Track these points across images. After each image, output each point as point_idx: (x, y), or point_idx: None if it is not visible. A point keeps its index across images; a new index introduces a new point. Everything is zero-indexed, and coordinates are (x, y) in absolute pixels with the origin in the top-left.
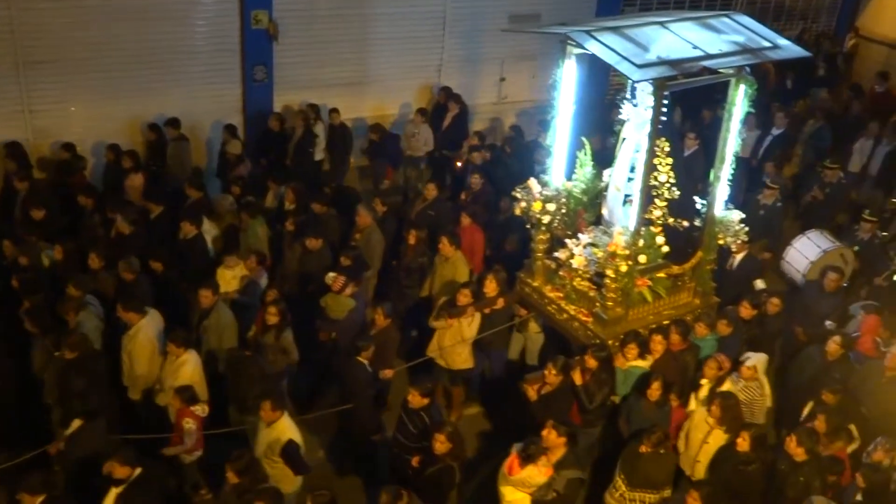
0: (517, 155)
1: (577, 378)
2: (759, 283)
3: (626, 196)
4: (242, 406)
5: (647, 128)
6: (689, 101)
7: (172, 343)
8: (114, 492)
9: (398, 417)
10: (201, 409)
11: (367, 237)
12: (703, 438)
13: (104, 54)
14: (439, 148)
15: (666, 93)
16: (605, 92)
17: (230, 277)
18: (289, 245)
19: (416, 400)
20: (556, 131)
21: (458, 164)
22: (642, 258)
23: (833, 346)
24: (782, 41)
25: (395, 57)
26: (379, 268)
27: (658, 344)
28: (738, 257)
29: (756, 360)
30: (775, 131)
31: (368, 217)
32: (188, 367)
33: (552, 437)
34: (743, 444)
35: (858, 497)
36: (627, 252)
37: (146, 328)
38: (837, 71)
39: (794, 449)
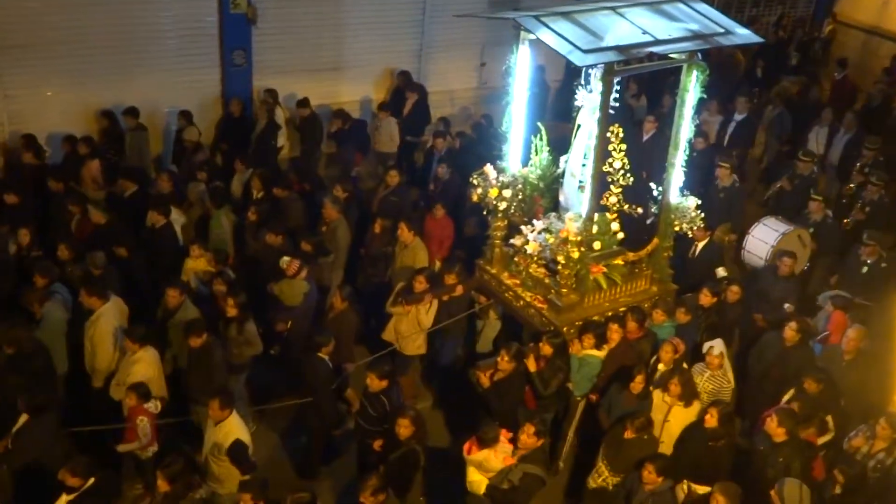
0: (485, 142)
1: (532, 365)
2: (721, 271)
3: (581, 182)
4: (195, 398)
5: (598, 114)
6: (655, 87)
7: (129, 339)
8: (65, 498)
9: (359, 402)
10: (154, 406)
11: (333, 230)
12: (663, 419)
13: (81, 38)
14: (402, 134)
15: (617, 78)
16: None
17: (192, 268)
18: (252, 235)
19: (374, 383)
20: (511, 117)
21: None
22: (597, 245)
23: (790, 332)
24: (737, 28)
25: (375, 41)
26: (345, 261)
27: (614, 333)
28: (700, 244)
29: (720, 347)
30: (738, 117)
31: (334, 210)
32: (142, 365)
33: (529, 440)
34: (711, 420)
35: (837, 490)
36: (579, 238)
37: (107, 314)
38: (811, 59)
39: (775, 429)
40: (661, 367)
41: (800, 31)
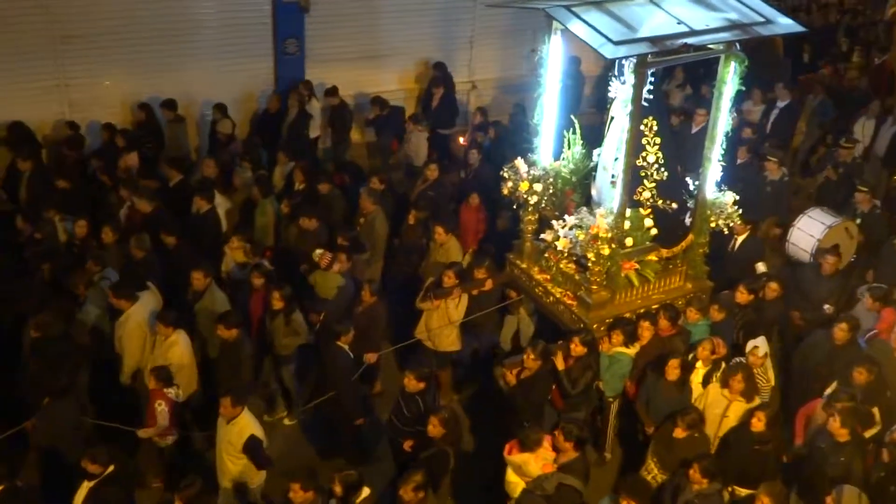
0: (519, 133)
1: (560, 363)
2: (761, 267)
3: (613, 177)
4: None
5: (630, 107)
6: (698, 76)
7: (161, 323)
8: (86, 485)
9: (394, 400)
10: (175, 393)
11: (371, 222)
12: (721, 413)
13: (137, 28)
14: (432, 127)
15: (651, 70)
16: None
17: (230, 259)
18: (285, 226)
19: (411, 384)
20: (542, 109)
21: (461, 141)
22: (629, 241)
23: (840, 332)
24: (778, 17)
25: (426, 29)
26: (383, 252)
27: (646, 330)
28: (740, 239)
29: (765, 347)
30: (780, 104)
31: (371, 202)
32: (178, 349)
33: (560, 440)
34: (758, 424)
35: (881, 473)
36: (610, 235)
37: (136, 314)
38: (868, 43)
39: (838, 429)
40: (698, 365)
41: (848, 15)
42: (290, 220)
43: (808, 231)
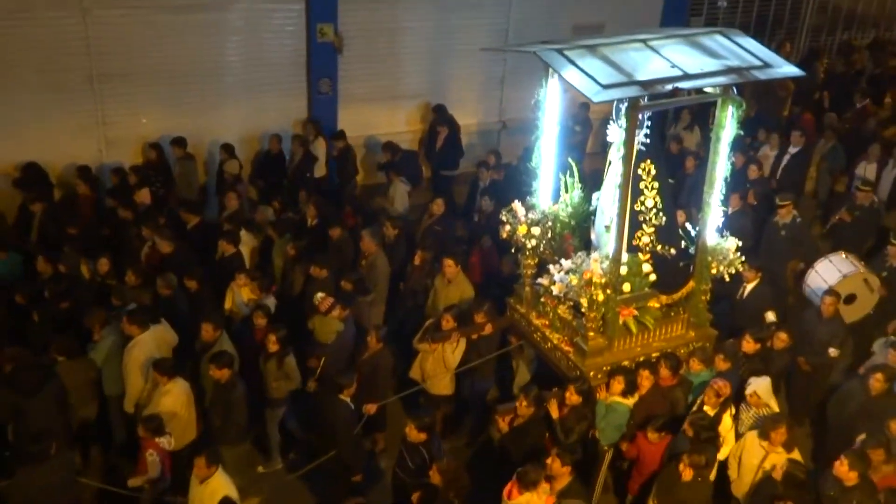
0: (526, 175)
1: (554, 411)
2: (770, 316)
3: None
4: (215, 435)
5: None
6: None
7: (156, 371)
8: None
9: (398, 451)
10: (167, 442)
11: (372, 263)
12: (758, 464)
13: (174, 68)
14: (436, 168)
15: (648, 113)
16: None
17: (236, 295)
18: (291, 268)
19: (413, 434)
20: (540, 152)
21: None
22: (626, 287)
23: (876, 382)
24: (777, 61)
25: (458, 69)
26: (385, 294)
27: (645, 379)
28: (749, 286)
29: (755, 385)
30: (792, 150)
31: (373, 243)
32: (170, 398)
33: (556, 465)
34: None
35: None
36: (604, 280)
37: (142, 344)
38: (881, 89)
39: (847, 474)
40: (706, 408)
41: (869, 62)
42: (295, 262)
43: (825, 276)
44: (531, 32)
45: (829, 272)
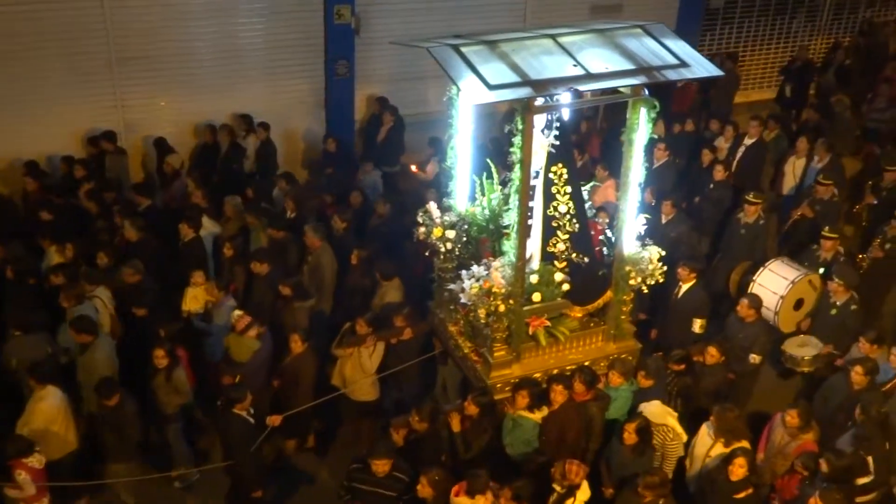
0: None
1: (455, 424)
2: (697, 326)
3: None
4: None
5: (541, 153)
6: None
7: (31, 377)
8: None
9: (370, 493)
10: (38, 461)
11: (317, 259)
12: (706, 453)
13: (191, 50)
14: (377, 164)
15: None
16: None
17: (192, 296)
18: (229, 269)
19: (381, 468)
20: (456, 152)
21: (413, 169)
22: (537, 296)
23: (857, 376)
24: (695, 60)
25: None
26: (332, 291)
27: (558, 394)
28: (685, 287)
29: (645, 411)
30: (748, 141)
31: (317, 239)
32: (44, 405)
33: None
34: (739, 471)
35: None
36: (503, 291)
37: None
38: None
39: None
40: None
41: (840, 51)
42: (233, 262)
43: (771, 287)
44: (548, 13)
45: (774, 282)
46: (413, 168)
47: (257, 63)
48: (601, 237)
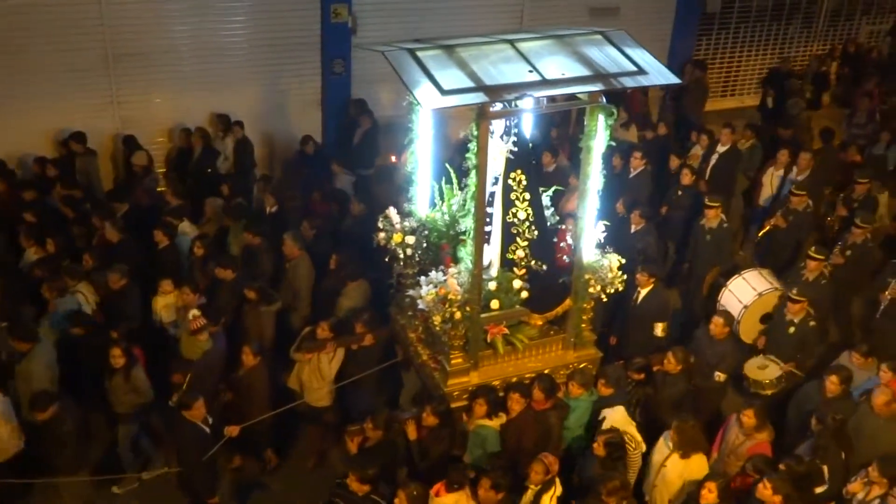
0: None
1: (412, 433)
2: (658, 330)
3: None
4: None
5: (500, 159)
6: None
7: None
8: None
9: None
10: None
11: (295, 268)
12: (660, 462)
13: (188, 47)
14: (353, 167)
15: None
16: None
17: (162, 306)
18: (199, 269)
19: (359, 488)
20: (416, 157)
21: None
22: (495, 303)
23: (832, 385)
24: (654, 67)
25: None
26: (309, 300)
27: (515, 403)
28: (643, 292)
29: (609, 417)
30: (721, 149)
31: (295, 247)
32: None
33: (487, 494)
34: (709, 496)
35: None
36: (459, 298)
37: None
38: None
39: (770, 497)
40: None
41: (815, 61)
42: (205, 262)
43: (739, 295)
44: (546, 14)
45: (743, 291)
46: (392, 158)
47: (255, 61)
48: (570, 243)
